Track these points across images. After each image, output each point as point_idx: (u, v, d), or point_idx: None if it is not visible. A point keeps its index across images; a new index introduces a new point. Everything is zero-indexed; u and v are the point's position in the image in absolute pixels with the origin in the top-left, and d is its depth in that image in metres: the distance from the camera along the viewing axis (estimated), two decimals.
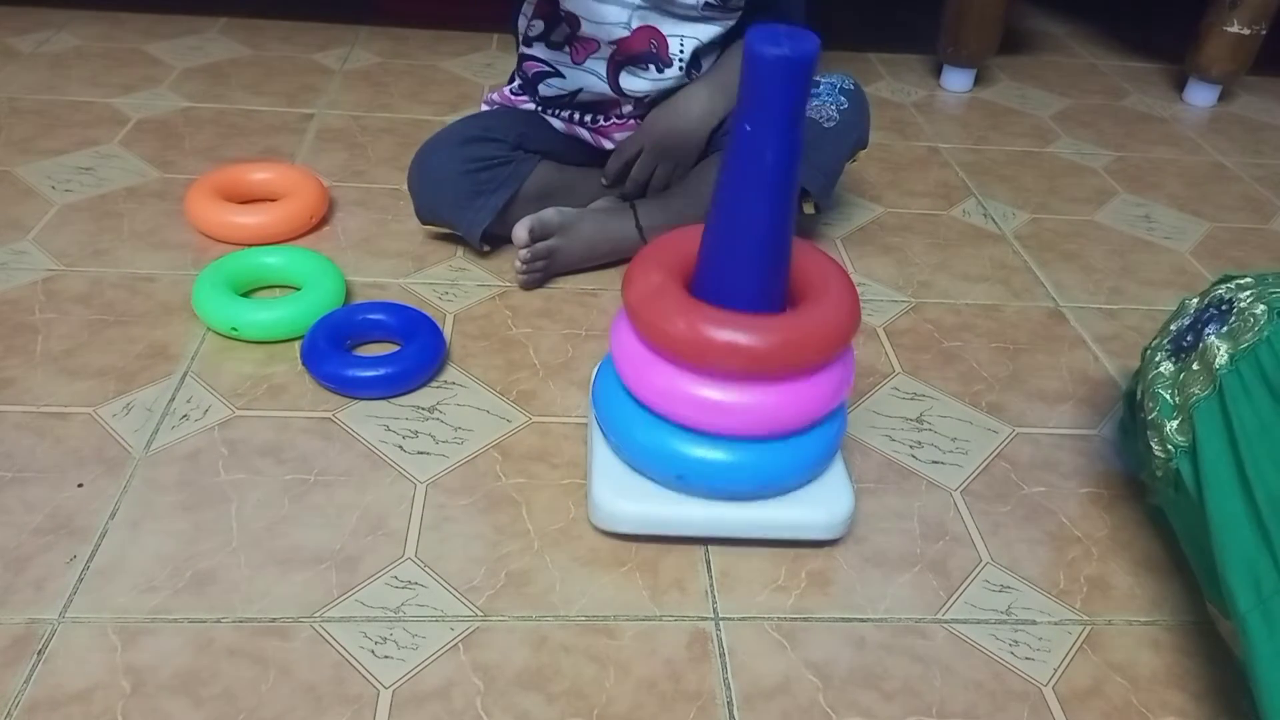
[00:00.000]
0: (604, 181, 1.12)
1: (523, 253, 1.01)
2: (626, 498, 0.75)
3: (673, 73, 1.07)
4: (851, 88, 1.14)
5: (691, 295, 0.72)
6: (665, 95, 1.10)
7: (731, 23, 1.07)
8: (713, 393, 0.70)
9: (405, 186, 1.22)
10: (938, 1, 1.68)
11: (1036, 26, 2.09)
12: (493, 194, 1.05)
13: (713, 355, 0.68)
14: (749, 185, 0.67)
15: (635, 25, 1.04)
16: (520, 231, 1.01)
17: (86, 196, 1.16)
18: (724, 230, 0.70)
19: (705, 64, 1.10)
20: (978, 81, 1.74)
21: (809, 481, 0.77)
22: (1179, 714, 0.67)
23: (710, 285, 0.72)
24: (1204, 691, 0.69)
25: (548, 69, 1.09)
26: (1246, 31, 1.65)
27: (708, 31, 1.07)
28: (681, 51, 1.06)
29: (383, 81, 1.54)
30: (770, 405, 0.71)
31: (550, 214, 1.03)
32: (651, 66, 1.07)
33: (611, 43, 1.05)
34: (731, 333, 0.67)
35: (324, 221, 1.14)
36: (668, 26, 1.05)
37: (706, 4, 1.03)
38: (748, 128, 0.65)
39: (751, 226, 0.68)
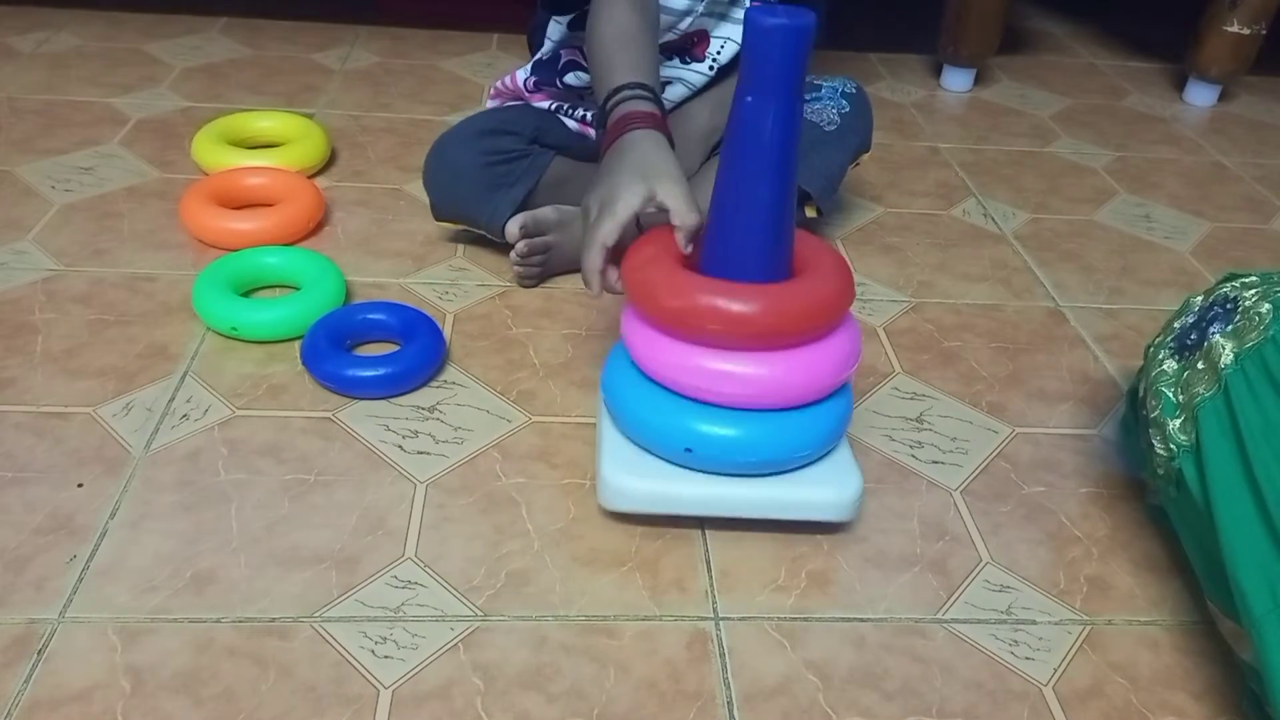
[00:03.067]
0: None
1: (520, 245, 1.01)
2: (635, 475, 0.74)
3: (702, 68, 1.08)
4: (854, 91, 1.14)
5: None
6: (672, 102, 1.10)
7: None
8: (722, 363, 0.70)
9: (405, 186, 1.22)
10: (938, 1, 1.68)
11: (1036, 26, 2.09)
12: (512, 187, 1.04)
13: (706, 322, 0.69)
14: (751, 157, 0.68)
15: (687, 29, 1.04)
16: (512, 227, 1.00)
17: (86, 196, 1.16)
18: (727, 203, 0.70)
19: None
20: (978, 81, 1.74)
21: (816, 458, 0.76)
22: (1179, 714, 0.67)
23: (715, 260, 0.72)
24: (1204, 691, 0.69)
25: (579, 62, 1.08)
26: (1246, 31, 1.65)
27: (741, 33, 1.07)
28: (719, 53, 1.07)
29: (383, 81, 1.54)
30: (779, 374, 0.71)
31: (547, 211, 1.03)
32: (675, 58, 1.07)
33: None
34: (723, 300, 0.68)
35: (323, 222, 1.14)
36: (716, 29, 1.06)
37: None
38: (749, 99, 0.66)
39: (754, 199, 0.69)
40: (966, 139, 1.53)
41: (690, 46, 1.07)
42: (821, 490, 0.75)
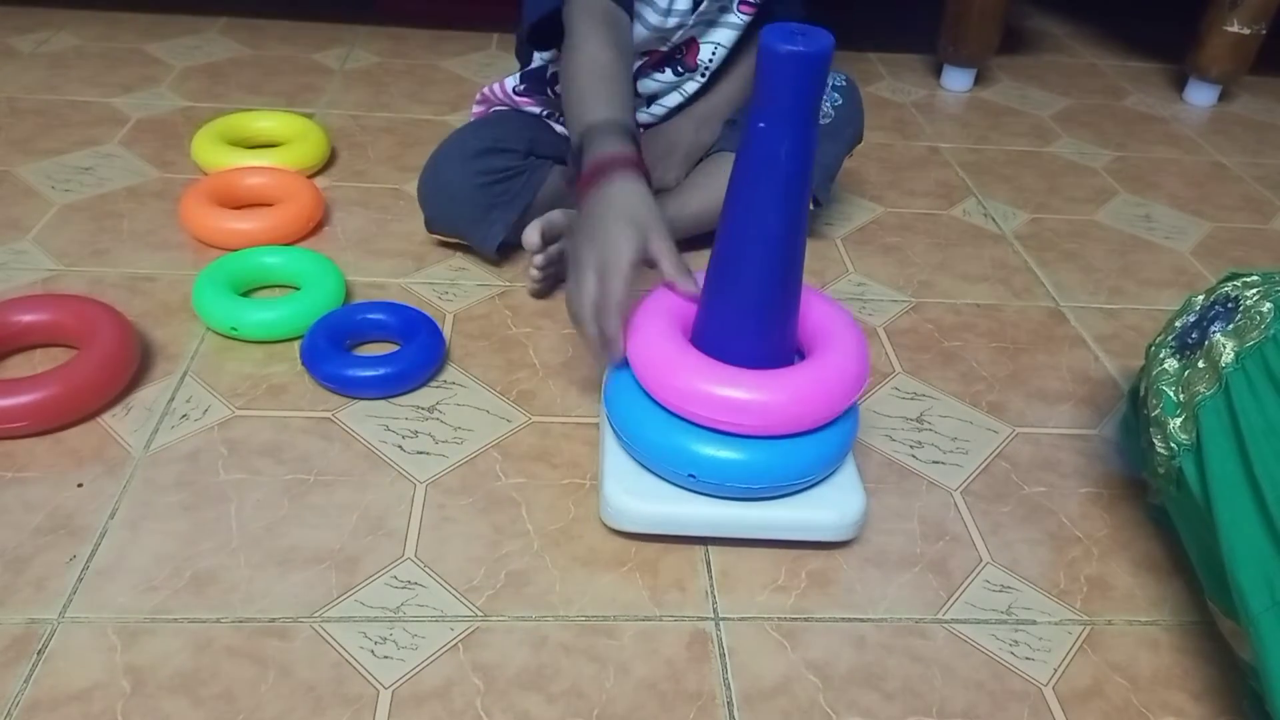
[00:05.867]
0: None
1: (538, 259, 1.00)
2: (638, 497, 0.74)
3: (695, 76, 1.08)
4: (844, 84, 1.14)
5: (702, 304, 0.74)
6: (668, 109, 1.10)
7: (745, 26, 1.07)
8: (733, 392, 0.70)
9: (405, 186, 1.23)
10: (938, 1, 1.68)
11: (1036, 26, 2.09)
12: (507, 206, 1.04)
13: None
14: (762, 182, 0.67)
15: (678, 40, 1.04)
16: (532, 235, 0.98)
17: (86, 196, 1.16)
18: (737, 230, 0.70)
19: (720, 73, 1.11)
20: (978, 81, 1.74)
21: (820, 481, 0.77)
22: (1179, 714, 0.67)
23: (721, 291, 0.72)
24: (1204, 691, 0.69)
25: None
26: (1246, 31, 1.65)
27: (729, 36, 1.07)
28: (711, 59, 1.07)
29: (383, 81, 1.54)
30: (785, 402, 0.71)
31: (556, 215, 1.02)
32: (669, 69, 1.07)
33: (645, 54, 1.06)
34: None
35: (323, 222, 1.14)
36: (706, 35, 1.06)
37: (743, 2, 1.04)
38: (761, 124, 0.65)
39: (765, 224, 0.68)
40: (966, 139, 1.53)
41: (682, 55, 1.07)
42: (822, 512, 0.75)
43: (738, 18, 1.05)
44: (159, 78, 1.48)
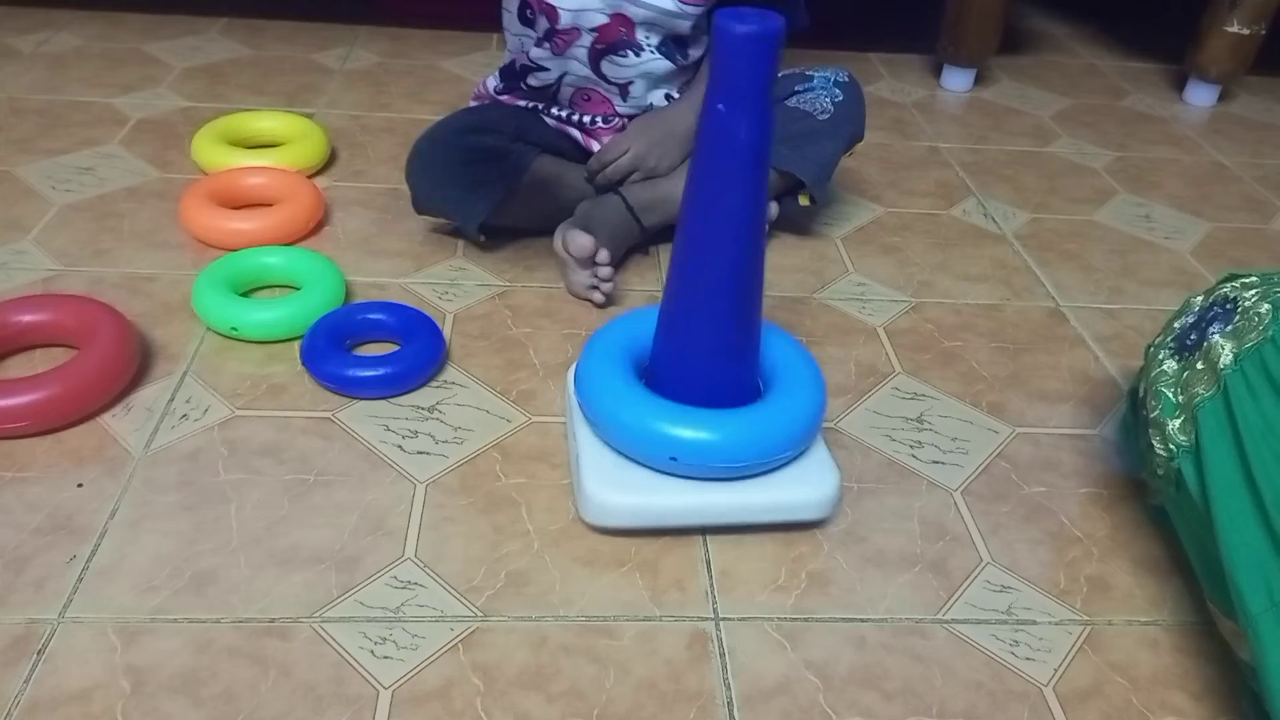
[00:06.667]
0: (585, 176, 1.11)
1: (605, 270, 1.01)
2: (617, 491, 0.75)
3: (649, 55, 1.07)
4: (846, 80, 1.14)
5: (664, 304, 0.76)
6: (649, 91, 1.11)
7: (703, 9, 1.06)
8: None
9: (405, 186, 1.22)
10: (938, 1, 1.68)
11: (1036, 26, 2.09)
12: (492, 186, 1.04)
13: None
14: (724, 164, 0.68)
15: (610, 12, 1.04)
16: (585, 241, 0.99)
17: (86, 196, 1.16)
18: (700, 214, 0.71)
19: (693, 53, 1.10)
20: (978, 81, 1.74)
21: (792, 463, 0.77)
22: (1179, 714, 0.67)
23: (686, 278, 0.73)
24: (1204, 691, 0.69)
25: (533, 65, 1.09)
26: (1246, 31, 1.65)
27: (680, 25, 1.06)
28: (648, 39, 1.06)
29: (383, 81, 1.54)
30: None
31: (580, 225, 1.03)
32: (630, 52, 1.07)
33: (592, 30, 1.05)
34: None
35: (323, 222, 1.14)
36: (634, 13, 1.05)
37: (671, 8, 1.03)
38: (720, 107, 0.66)
39: (727, 206, 0.69)
40: (966, 139, 1.53)
41: (628, 39, 1.06)
42: (799, 491, 0.76)
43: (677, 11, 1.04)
44: (159, 78, 1.48)
